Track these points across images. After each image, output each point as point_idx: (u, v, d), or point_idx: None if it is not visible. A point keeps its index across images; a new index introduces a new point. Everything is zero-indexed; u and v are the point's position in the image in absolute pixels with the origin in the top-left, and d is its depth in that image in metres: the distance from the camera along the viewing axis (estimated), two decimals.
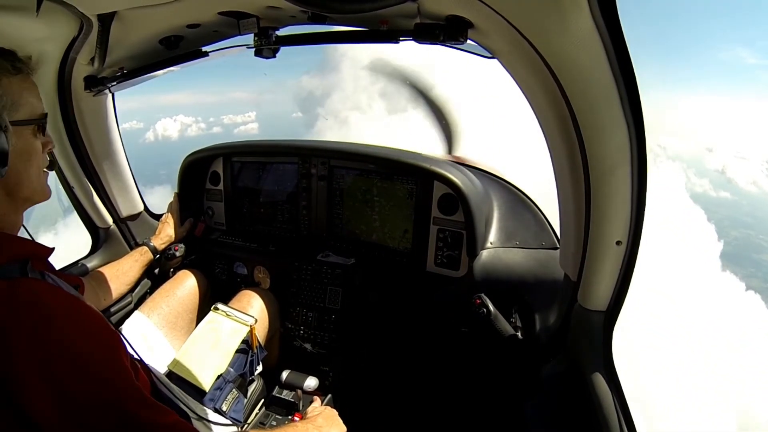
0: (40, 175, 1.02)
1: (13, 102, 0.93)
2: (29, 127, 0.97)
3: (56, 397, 0.78)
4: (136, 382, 0.89)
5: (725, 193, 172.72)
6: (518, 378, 1.63)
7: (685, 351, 35.90)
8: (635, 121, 0.94)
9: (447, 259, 1.88)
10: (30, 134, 0.97)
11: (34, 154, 0.98)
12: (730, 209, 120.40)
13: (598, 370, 1.21)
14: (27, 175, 0.97)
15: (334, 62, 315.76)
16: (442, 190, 1.84)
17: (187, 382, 1.55)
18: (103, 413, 0.82)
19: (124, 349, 0.95)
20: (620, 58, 0.86)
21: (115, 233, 2.14)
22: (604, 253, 1.13)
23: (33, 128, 0.98)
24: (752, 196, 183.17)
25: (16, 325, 0.79)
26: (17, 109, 0.94)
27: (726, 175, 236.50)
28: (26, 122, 0.96)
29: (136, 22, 1.36)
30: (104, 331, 0.90)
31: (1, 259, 0.87)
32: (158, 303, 1.83)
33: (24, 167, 0.96)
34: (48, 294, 0.86)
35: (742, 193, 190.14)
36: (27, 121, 0.96)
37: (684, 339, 37.66)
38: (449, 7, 1.02)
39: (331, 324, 1.98)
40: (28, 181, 0.98)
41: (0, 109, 0.90)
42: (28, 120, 0.96)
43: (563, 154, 1.10)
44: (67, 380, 0.79)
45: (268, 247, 2.19)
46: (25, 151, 0.96)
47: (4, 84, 0.92)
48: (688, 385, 30.75)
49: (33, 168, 0.99)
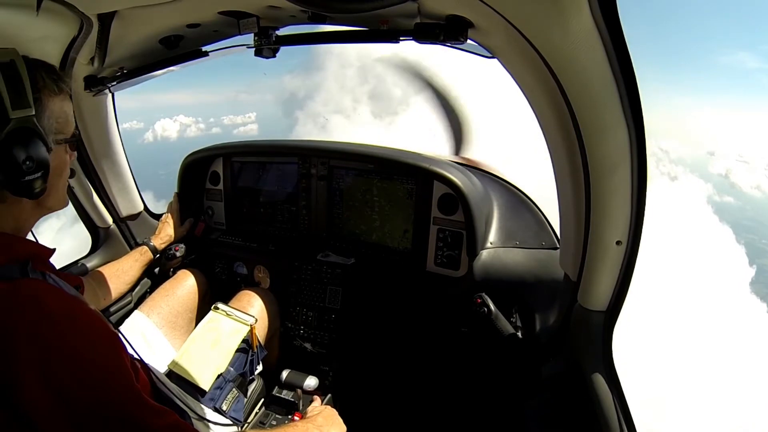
0: (65, 186, 1.07)
1: (57, 123, 0.97)
2: (67, 145, 1.02)
3: (55, 398, 0.78)
4: (135, 383, 0.89)
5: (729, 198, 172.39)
6: (518, 378, 1.63)
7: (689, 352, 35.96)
8: (635, 121, 0.94)
9: (447, 258, 1.88)
10: (64, 151, 1.02)
11: (65, 169, 1.04)
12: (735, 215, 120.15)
13: (598, 370, 1.21)
14: (56, 189, 1.02)
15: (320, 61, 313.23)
16: (441, 189, 1.84)
17: (187, 382, 1.55)
18: (102, 414, 0.82)
19: (124, 351, 0.96)
20: (620, 58, 0.86)
21: (115, 233, 2.14)
22: (604, 253, 1.13)
23: (70, 145, 1.03)
24: (756, 200, 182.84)
25: (17, 325, 0.79)
26: (60, 129, 0.98)
27: (730, 179, 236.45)
28: (66, 141, 1.00)
29: (136, 21, 1.36)
30: (105, 333, 0.90)
31: (0, 260, 0.88)
32: (158, 303, 1.83)
33: (56, 181, 1.00)
34: (49, 295, 0.87)
35: (746, 198, 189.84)
36: (65, 140, 1.00)
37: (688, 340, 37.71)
38: (449, 7, 1.02)
39: (331, 324, 1.98)
40: (56, 194, 1.03)
41: (48, 131, 0.94)
42: (67, 139, 1.01)
43: (563, 154, 1.10)
44: (66, 381, 0.79)
45: (268, 246, 2.19)
46: (59, 166, 1.00)
47: (50, 105, 0.95)
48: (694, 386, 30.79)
49: (62, 181, 1.04)
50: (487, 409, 1.86)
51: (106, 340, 0.89)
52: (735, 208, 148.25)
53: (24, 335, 0.78)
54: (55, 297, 0.87)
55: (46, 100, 0.94)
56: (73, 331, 0.84)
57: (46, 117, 0.94)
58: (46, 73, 0.96)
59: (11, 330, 0.78)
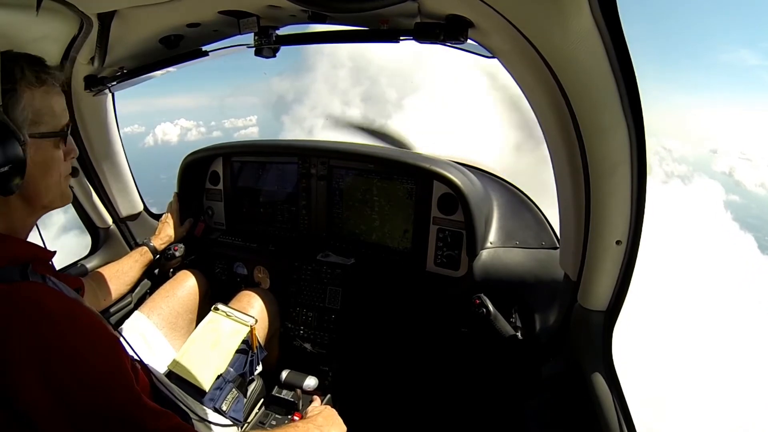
0: (60, 183, 1.03)
1: (34, 115, 0.93)
2: (51, 139, 0.97)
3: (55, 399, 0.78)
4: (136, 385, 0.89)
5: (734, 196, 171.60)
6: (518, 378, 1.63)
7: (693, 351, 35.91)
8: (635, 121, 0.94)
9: (447, 258, 1.88)
10: (51, 146, 0.98)
11: (53, 165, 0.99)
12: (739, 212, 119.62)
13: (598, 370, 1.21)
14: (45, 185, 0.98)
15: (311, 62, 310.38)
16: (441, 189, 1.84)
17: (187, 382, 1.55)
18: (102, 416, 0.82)
19: (124, 352, 0.95)
20: (620, 57, 0.86)
21: (115, 233, 2.14)
22: (604, 253, 1.13)
23: (55, 139, 0.98)
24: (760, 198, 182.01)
25: (16, 328, 0.79)
26: (38, 122, 0.94)
27: (734, 177, 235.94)
28: (47, 135, 0.96)
29: (136, 21, 1.35)
30: (104, 335, 0.90)
31: (0, 262, 0.87)
32: (158, 303, 1.83)
33: (42, 177, 0.96)
34: (49, 297, 0.86)
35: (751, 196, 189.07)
36: (48, 134, 0.96)
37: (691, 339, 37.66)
38: (449, 7, 1.02)
39: (331, 324, 1.98)
40: (47, 191, 0.98)
41: (21, 123, 0.90)
42: (49, 133, 0.96)
43: (563, 154, 1.10)
44: (66, 382, 0.79)
45: (268, 247, 2.19)
46: (44, 162, 0.96)
47: (27, 97, 0.92)
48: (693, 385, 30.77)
49: (52, 177, 0.99)
50: (487, 409, 1.86)
51: (105, 341, 0.89)
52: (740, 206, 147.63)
53: (23, 336, 0.78)
54: (54, 299, 0.87)
55: (22, 91, 0.91)
56: (72, 333, 0.83)
57: (19, 109, 0.90)
58: (28, 64, 0.93)
59: (10, 331, 0.78)
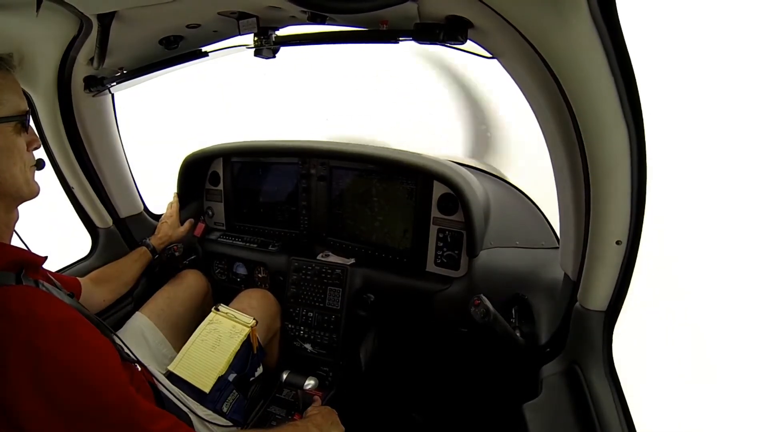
0: (26, 172, 1.02)
1: None
2: (10, 125, 0.97)
3: (49, 407, 0.77)
4: (130, 387, 0.88)
5: None
6: (518, 378, 1.63)
7: None
8: (635, 121, 0.94)
9: (447, 259, 1.88)
10: (11, 131, 0.97)
11: (16, 152, 0.98)
12: None
13: (598, 370, 1.21)
14: (10, 173, 0.97)
15: None
16: (441, 189, 1.84)
17: (187, 383, 1.54)
18: (96, 421, 0.82)
19: (118, 358, 0.95)
20: (620, 58, 0.87)
21: (115, 233, 2.13)
22: (604, 253, 1.13)
23: (15, 125, 0.98)
24: None
25: (8, 334, 0.79)
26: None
27: None
28: (5, 119, 0.96)
29: (136, 21, 1.35)
30: (97, 341, 0.90)
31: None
32: (158, 304, 1.83)
33: (6, 165, 0.96)
34: (40, 303, 0.86)
35: None
36: (7, 118, 0.96)
37: None
38: (449, 8, 1.02)
39: (331, 324, 1.98)
40: (12, 179, 0.98)
41: None
42: (7, 117, 0.96)
43: (563, 153, 1.10)
44: (59, 390, 0.79)
45: (268, 247, 2.19)
46: (6, 148, 0.96)
47: None
48: None
49: (16, 166, 0.99)
50: (487, 409, 1.86)
51: (98, 348, 0.89)
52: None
53: (14, 343, 0.78)
54: (45, 304, 0.87)
55: None
56: (65, 340, 0.83)
57: None
58: None
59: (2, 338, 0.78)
